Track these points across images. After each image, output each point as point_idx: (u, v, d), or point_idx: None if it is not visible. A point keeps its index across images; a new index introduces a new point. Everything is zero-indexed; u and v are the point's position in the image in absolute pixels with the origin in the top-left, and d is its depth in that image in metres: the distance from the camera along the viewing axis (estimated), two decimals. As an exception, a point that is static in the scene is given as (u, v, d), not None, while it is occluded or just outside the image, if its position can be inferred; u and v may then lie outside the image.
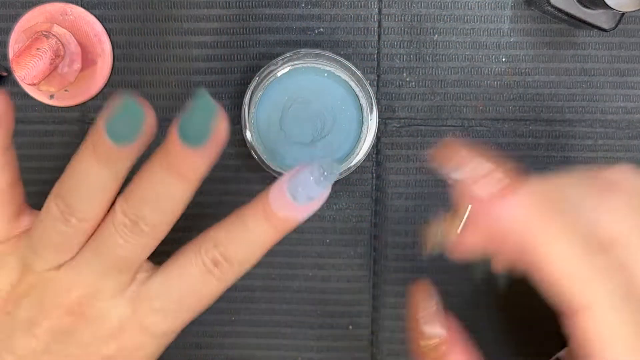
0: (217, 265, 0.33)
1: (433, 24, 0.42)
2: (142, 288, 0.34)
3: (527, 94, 0.42)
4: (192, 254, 0.33)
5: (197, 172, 0.31)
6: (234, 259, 0.33)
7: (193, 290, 0.34)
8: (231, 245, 0.33)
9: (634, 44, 0.42)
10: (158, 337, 0.35)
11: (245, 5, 0.41)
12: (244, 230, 0.33)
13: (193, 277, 0.33)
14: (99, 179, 0.32)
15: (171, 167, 0.31)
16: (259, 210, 0.32)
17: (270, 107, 0.39)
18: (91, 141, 0.32)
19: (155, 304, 0.34)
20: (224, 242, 0.33)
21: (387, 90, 0.42)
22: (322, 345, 0.45)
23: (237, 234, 0.33)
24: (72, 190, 0.32)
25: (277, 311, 0.44)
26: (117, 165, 0.32)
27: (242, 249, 0.33)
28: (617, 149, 0.43)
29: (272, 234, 0.33)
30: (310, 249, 0.44)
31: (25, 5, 0.41)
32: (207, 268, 0.33)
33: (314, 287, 0.44)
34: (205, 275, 0.33)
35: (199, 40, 0.42)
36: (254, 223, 0.33)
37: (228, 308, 0.44)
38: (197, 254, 0.33)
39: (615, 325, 0.28)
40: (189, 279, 0.33)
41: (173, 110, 0.42)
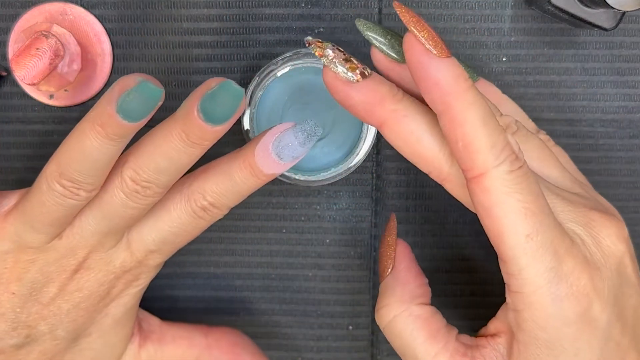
0: (206, 211, 0.36)
1: (433, 23, 0.42)
2: (135, 234, 0.37)
3: (527, 93, 0.42)
4: (182, 203, 0.36)
5: (214, 139, 0.34)
6: (223, 205, 0.36)
7: (184, 231, 0.37)
8: (219, 196, 0.36)
9: (635, 43, 0.42)
10: (154, 267, 0.38)
11: (245, 5, 0.41)
12: (232, 184, 0.36)
13: (183, 221, 0.36)
14: (107, 154, 0.33)
15: (189, 137, 0.33)
16: (246, 167, 0.35)
17: (270, 107, 0.39)
18: (98, 121, 0.32)
19: (151, 247, 0.37)
20: (212, 194, 0.36)
21: (387, 90, 0.42)
22: (322, 345, 0.45)
23: (225, 187, 0.36)
24: (78, 168, 0.33)
25: (277, 311, 0.44)
26: (125, 139, 0.33)
27: (229, 197, 0.36)
28: (617, 148, 0.43)
29: (257, 184, 0.36)
30: (310, 249, 0.44)
31: (24, 5, 0.41)
32: (197, 215, 0.36)
33: (314, 287, 0.44)
34: (194, 220, 0.37)
35: (199, 40, 0.42)
36: (242, 177, 0.36)
37: (228, 308, 0.44)
38: (186, 202, 0.36)
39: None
40: (180, 223, 0.37)
41: (173, 110, 0.42)
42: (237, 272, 0.44)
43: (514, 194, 0.29)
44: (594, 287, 0.30)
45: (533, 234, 0.29)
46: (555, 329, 0.30)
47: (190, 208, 0.36)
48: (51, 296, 0.37)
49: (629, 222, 0.43)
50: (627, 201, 0.43)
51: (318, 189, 0.43)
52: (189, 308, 0.44)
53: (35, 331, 0.37)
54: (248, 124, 0.39)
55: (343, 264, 0.44)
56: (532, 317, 0.30)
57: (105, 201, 0.35)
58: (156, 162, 0.34)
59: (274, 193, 0.43)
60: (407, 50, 0.30)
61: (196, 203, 0.36)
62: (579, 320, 0.30)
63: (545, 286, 0.30)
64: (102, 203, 0.35)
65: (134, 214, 0.35)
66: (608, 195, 0.42)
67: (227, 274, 0.44)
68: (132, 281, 0.38)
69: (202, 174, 0.36)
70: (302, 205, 0.43)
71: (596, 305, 0.30)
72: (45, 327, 0.37)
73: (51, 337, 0.37)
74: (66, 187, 0.34)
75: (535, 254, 0.29)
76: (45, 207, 0.34)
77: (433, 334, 0.34)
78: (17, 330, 0.37)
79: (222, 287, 0.44)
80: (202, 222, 0.37)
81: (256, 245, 0.44)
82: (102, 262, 0.37)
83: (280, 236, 0.44)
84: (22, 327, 0.37)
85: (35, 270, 0.36)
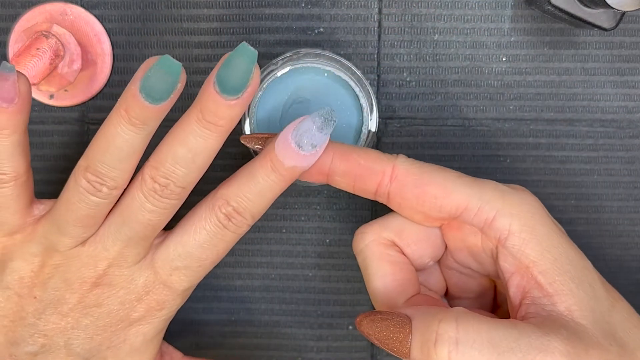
0: (231, 219, 0.36)
1: (433, 23, 0.42)
2: (160, 250, 0.36)
3: (527, 93, 0.42)
4: (206, 212, 0.36)
5: (233, 121, 0.34)
6: (246, 211, 0.36)
7: (210, 245, 0.36)
8: (243, 199, 0.35)
9: (635, 43, 0.42)
10: (180, 293, 0.37)
11: (245, 5, 0.41)
12: (254, 184, 0.35)
13: (209, 233, 0.36)
14: (129, 142, 0.34)
15: (207, 118, 0.33)
16: (267, 163, 0.35)
17: (270, 107, 0.39)
18: (123, 105, 0.33)
19: (176, 263, 0.36)
20: (235, 197, 0.35)
21: (388, 90, 0.42)
22: (322, 345, 0.45)
23: (248, 188, 0.35)
24: (102, 158, 0.34)
25: (277, 311, 0.44)
26: (148, 126, 0.34)
27: (253, 201, 0.35)
28: (617, 148, 0.42)
29: (280, 183, 0.35)
30: (310, 249, 0.44)
31: (24, 5, 0.41)
32: (222, 223, 0.36)
33: (314, 287, 0.44)
34: (220, 230, 0.36)
35: (199, 40, 0.42)
36: (263, 176, 0.35)
37: (228, 308, 0.44)
38: (210, 211, 0.36)
39: None
40: (205, 235, 0.36)
41: (174, 110, 0.42)
42: (237, 272, 0.44)
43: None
44: None
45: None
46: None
47: (215, 216, 0.36)
48: (70, 307, 0.36)
49: (629, 222, 0.43)
50: (627, 201, 0.43)
51: (318, 189, 0.43)
52: (189, 308, 0.44)
53: (51, 342, 0.37)
54: (248, 125, 0.39)
55: (343, 264, 0.44)
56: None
57: (126, 204, 0.35)
58: (173, 152, 0.34)
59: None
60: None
61: (220, 210, 0.35)
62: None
63: None
64: (122, 207, 0.35)
65: (152, 219, 0.35)
66: (608, 195, 0.43)
67: (226, 274, 0.44)
68: (156, 309, 0.37)
69: (227, 181, 0.36)
70: (302, 205, 0.43)
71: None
72: (62, 339, 0.37)
73: (66, 352, 0.37)
74: (90, 182, 0.34)
75: None
76: (70, 205, 0.35)
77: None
78: (33, 337, 0.36)
79: (221, 287, 0.44)
80: (228, 233, 0.36)
81: (256, 245, 0.44)
82: (123, 279, 0.36)
83: (280, 236, 0.44)
84: (39, 335, 0.36)
85: (58, 277, 0.36)
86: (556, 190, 0.43)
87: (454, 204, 0.34)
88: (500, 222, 0.34)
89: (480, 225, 0.34)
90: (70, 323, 0.37)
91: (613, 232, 0.44)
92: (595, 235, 0.44)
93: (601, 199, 0.43)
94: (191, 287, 0.38)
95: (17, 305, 0.36)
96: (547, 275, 0.33)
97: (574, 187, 0.43)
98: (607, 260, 0.44)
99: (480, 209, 0.34)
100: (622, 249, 0.44)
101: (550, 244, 0.33)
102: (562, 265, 0.33)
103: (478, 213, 0.34)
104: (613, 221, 0.43)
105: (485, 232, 0.34)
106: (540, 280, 0.33)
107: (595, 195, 0.43)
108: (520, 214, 0.33)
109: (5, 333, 0.37)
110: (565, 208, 0.43)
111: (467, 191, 0.34)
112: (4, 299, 0.37)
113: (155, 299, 0.37)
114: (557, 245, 0.34)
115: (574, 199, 0.43)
